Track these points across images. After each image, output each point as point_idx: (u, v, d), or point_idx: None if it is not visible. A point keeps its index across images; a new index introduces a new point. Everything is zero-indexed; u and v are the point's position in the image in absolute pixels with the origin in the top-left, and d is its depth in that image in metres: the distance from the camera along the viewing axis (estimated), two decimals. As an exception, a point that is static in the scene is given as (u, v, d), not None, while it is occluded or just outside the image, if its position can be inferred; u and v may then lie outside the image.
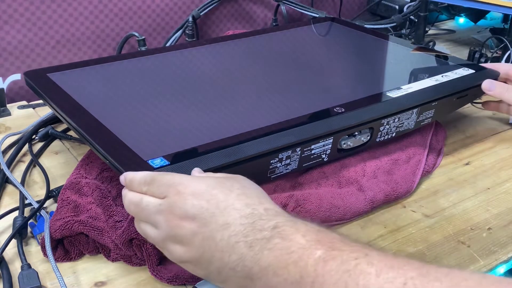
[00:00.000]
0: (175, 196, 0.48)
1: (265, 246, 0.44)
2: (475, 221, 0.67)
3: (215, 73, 0.84)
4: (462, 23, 1.41)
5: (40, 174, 0.75)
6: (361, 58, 0.95)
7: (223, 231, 0.46)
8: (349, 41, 1.02)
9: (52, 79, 0.75)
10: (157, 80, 0.79)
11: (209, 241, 0.46)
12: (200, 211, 0.47)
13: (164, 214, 0.48)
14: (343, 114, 0.68)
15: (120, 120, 0.66)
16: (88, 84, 0.77)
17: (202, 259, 0.47)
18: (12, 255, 0.60)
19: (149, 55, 0.88)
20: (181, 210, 0.47)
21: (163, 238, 0.49)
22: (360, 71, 0.89)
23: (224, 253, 0.46)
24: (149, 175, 0.51)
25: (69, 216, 0.60)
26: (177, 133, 0.65)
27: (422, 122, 0.77)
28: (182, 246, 0.48)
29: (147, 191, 0.50)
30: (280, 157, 0.63)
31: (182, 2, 1.15)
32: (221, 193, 0.47)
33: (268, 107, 0.73)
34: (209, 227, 0.46)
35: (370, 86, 0.80)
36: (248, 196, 0.48)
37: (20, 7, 0.98)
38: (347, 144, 0.70)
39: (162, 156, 0.57)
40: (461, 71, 0.82)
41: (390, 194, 0.69)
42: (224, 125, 0.67)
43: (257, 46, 0.96)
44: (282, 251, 0.43)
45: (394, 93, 0.74)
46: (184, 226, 0.47)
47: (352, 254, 0.42)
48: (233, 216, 0.46)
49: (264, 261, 0.44)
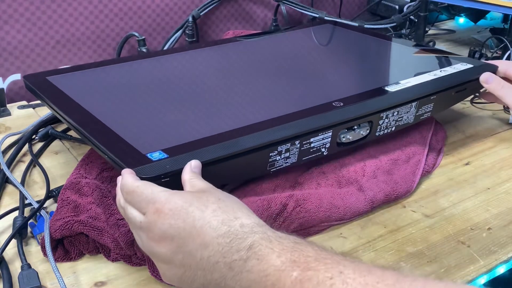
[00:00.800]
0: (154, 215, 0.48)
1: (243, 268, 0.45)
2: (475, 221, 0.67)
3: (214, 72, 0.84)
4: (462, 23, 1.41)
5: (40, 174, 0.75)
6: (360, 57, 0.95)
7: (202, 250, 0.46)
8: (349, 41, 1.02)
9: (52, 82, 0.76)
10: (156, 81, 0.80)
11: (190, 260, 0.47)
12: (177, 232, 0.47)
13: (145, 232, 0.49)
14: (342, 107, 0.69)
15: (118, 117, 0.67)
16: (87, 85, 0.77)
17: (185, 276, 0.48)
18: (12, 255, 0.60)
19: (148, 58, 0.89)
20: (160, 231, 0.48)
21: (147, 251, 0.51)
22: (359, 69, 0.90)
23: (206, 272, 0.47)
24: (131, 185, 0.51)
25: (69, 216, 0.60)
26: (176, 128, 0.66)
27: (422, 116, 0.78)
28: (164, 263, 0.49)
29: (130, 201, 0.51)
30: (279, 150, 0.63)
31: (182, 2, 1.15)
32: (197, 209, 0.48)
33: (267, 103, 0.74)
34: (188, 246, 0.47)
35: (369, 81, 0.81)
36: (224, 211, 0.48)
37: (20, 7, 0.98)
38: (346, 138, 0.70)
39: (161, 150, 0.58)
40: (459, 65, 0.83)
41: (390, 194, 0.69)
42: (223, 119, 0.68)
43: (256, 47, 0.97)
44: (260, 273, 0.44)
45: (393, 88, 0.75)
46: (163, 246, 0.48)
47: (327, 274, 0.42)
48: (210, 235, 0.46)
49: (244, 283, 0.45)
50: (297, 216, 0.63)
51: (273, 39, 1.02)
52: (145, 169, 0.54)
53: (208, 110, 0.70)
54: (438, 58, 0.89)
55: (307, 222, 0.63)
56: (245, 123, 0.64)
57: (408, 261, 0.60)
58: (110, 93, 0.75)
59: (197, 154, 0.57)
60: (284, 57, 0.92)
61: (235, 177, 0.65)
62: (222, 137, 0.61)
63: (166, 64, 0.86)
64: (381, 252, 0.62)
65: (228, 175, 0.62)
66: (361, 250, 0.62)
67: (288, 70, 0.86)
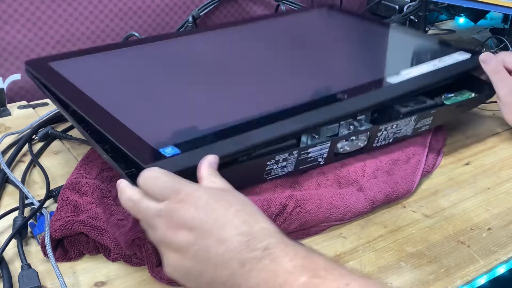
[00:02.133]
0: (177, 204, 0.48)
1: (255, 266, 0.45)
2: (475, 221, 0.67)
3: (219, 60, 0.82)
4: (462, 23, 1.41)
5: (40, 174, 0.75)
6: (358, 46, 0.94)
7: (219, 246, 0.46)
8: (347, 29, 1.01)
9: (54, 68, 0.74)
10: (162, 68, 0.78)
11: (204, 254, 0.47)
12: (199, 224, 0.47)
13: (163, 219, 0.49)
14: (345, 100, 0.68)
15: (127, 108, 0.65)
16: (93, 73, 0.74)
17: (193, 270, 0.48)
18: (12, 255, 0.60)
19: (155, 42, 0.86)
20: (181, 219, 0.47)
21: (159, 241, 0.50)
22: (363, 58, 0.89)
23: (216, 268, 0.46)
24: (155, 172, 0.50)
25: (69, 216, 0.60)
26: (186, 121, 0.64)
27: (420, 129, 0.77)
28: (176, 253, 0.48)
29: (148, 189, 0.50)
30: (277, 159, 0.63)
31: (182, 2, 1.15)
32: (222, 207, 0.48)
33: (280, 92, 0.72)
34: (206, 240, 0.47)
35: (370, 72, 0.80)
36: (246, 213, 0.48)
37: (20, 7, 0.98)
38: (344, 149, 0.71)
39: (173, 145, 0.57)
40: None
41: (390, 194, 0.69)
42: (232, 111, 0.66)
43: (262, 32, 0.95)
44: (270, 273, 0.45)
45: (394, 79, 0.75)
46: (181, 235, 0.47)
47: (333, 284, 0.43)
48: (230, 232, 0.46)
49: (253, 281, 0.45)
50: (297, 216, 0.63)
51: (275, 24, 1.00)
52: (159, 165, 0.52)
53: (215, 100, 0.69)
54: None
55: (307, 222, 0.63)
56: (255, 114, 0.63)
57: (408, 261, 0.60)
58: (118, 80, 0.73)
59: (209, 149, 0.56)
60: (278, 46, 0.90)
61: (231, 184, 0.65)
62: (231, 130, 0.60)
63: (173, 49, 0.84)
64: (381, 252, 0.62)
65: (238, 173, 0.62)
66: (361, 250, 0.62)
67: (284, 61, 0.84)
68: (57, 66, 0.74)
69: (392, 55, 0.87)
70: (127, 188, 0.52)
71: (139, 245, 0.57)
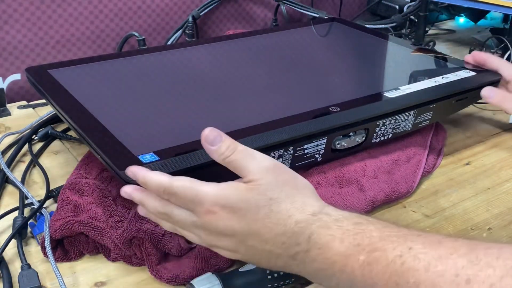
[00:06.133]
0: (206, 216, 0.48)
1: (306, 258, 0.45)
2: (475, 221, 0.67)
3: (212, 72, 0.84)
4: (462, 23, 1.41)
5: (40, 174, 0.74)
6: (360, 58, 0.94)
7: (263, 245, 0.47)
8: (349, 42, 1.02)
9: (53, 75, 0.75)
10: (156, 78, 0.79)
11: (253, 251, 0.48)
12: (235, 231, 0.47)
13: (202, 230, 0.49)
14: (337, 113, 0.68)
15: (115, 116, 0.67)
16: (88, 81, 0.77)
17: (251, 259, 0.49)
18: (12, 255, 0.60)
19: (150, 53, 0.88)
20: (217, 230, 0.48)
21: (207, 245, 0.51)
22: (359, 72, 0.89)
23: (270, 259, 0.48)
24: (168, 186, 0.48)
25: (69, 216, 0.60)
26: (170, 130, 0.65)
27: (420, 124, 0.77)
28: (228, 251, 0.49)
29: (174, 202, 0.49)
30: (272, 156, 0.62)
31: (182, 2, 1.15)
32: (249, 212, 0.47)
33: (261, 105, 0.73)
34: (249, 242, 0.47)
35: (368, 86, 0.80)
36: (276, 212, 0.47)
37: (20, 7, 0.98)
38: (341, 145, 0.70)
39: (152, 152, 0.57)
40: (462, 73, 0.81)
41: (391, 194, 0.69)
42: (217, 122, 0.66)
43: (256, 46, 0.96)
44: (325, 261, 0.44)
45: (392, 94, 0.74)
46: (224, 240, 0.48)
47: (396, 252, 0.41)
48: (268, 234, 0.47)
49: (311, 270, 0.46)
50: (297, 216, 0.63)
51: (273, 38, 1.01)
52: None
53: (204, 111, 0.70)
54: (440, 64, 0.88)
55: (307, 222, 0.63)
56: (239, 126, 0.63)
57: (408, 261, 0.60)
58: (111, 89, 0.75)
59: (188, 158, 0.56)
60: (283, 57, 0.91)
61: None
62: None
63: (169, 60, 0.86)
64: (381, 252, 0.62)
65: (218, 181, 0.62)
66: (361, 250, 0.62)
67: (285, 73, 0.84)
68: (55, 73, 0.77)
69: (394, 71, 0.87)
70: (148, 198, 0.51)
71: (138, 244, 0.57)
